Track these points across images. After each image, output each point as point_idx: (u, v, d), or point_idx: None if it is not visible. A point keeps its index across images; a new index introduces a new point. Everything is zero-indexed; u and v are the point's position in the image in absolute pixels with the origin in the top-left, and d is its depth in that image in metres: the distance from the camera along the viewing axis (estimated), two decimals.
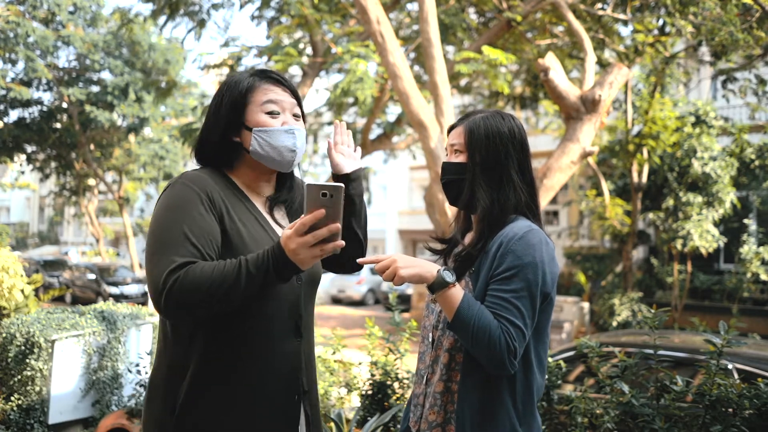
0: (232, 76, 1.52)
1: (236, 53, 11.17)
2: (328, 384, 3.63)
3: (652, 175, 11.62)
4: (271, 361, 1.43)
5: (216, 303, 1.28)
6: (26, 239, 34.54)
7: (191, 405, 1.39)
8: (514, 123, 1.54)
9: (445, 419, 1.46)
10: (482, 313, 1.35)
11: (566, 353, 3.67)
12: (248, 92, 1.48)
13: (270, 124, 1.47)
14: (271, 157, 1.47)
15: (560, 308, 11.29)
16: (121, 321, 4.23)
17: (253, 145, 1.46)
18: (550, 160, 5.08)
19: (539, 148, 18.41)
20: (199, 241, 1.34)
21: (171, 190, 1.41)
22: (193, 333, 1.41)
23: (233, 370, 1.40)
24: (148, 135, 21.05)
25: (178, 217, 1.35)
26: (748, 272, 10.22)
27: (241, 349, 1.40)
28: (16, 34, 15.92)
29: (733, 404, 2.22)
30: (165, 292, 1.26)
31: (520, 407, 1.43)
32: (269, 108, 1.48)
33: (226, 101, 1.48)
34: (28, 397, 3.80)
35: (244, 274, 1.26)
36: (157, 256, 1.32)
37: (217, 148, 1.51)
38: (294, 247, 1.21)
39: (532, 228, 1.44)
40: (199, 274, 1.27)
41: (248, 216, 1.46)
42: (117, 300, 14.02)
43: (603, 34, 8.82)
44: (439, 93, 5.72)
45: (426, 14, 5.54)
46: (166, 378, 1.43)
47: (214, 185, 1.44)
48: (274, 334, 1.44)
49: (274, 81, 1.52)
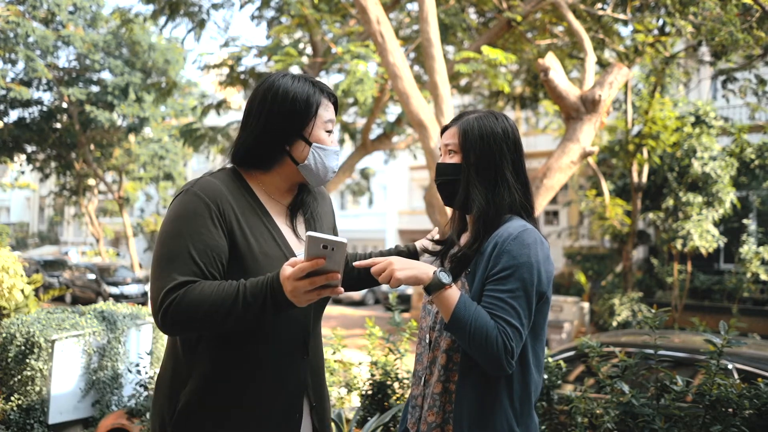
0: (289, 82, 1.46)
1: (236, 53, 11.17)
2: (328, 384, 3.63)
3: (652, 175, 11.62)
4: (274, 379, 1.42)
5: (212, 326, 1.29)
6: (26, 239, 34.55)
7: (188, 413, 1.39)
8: (507, 123, 1.54)
9: (443, 420, 1.46)
10: (479, 314, 1.35)
11: (566, 353, 3.67)
12: (318, 106, 1.47)
13: (328, 143, 1.49)
14: (317, 174, 1.49)
15: (560, 308, 11.29)
16: (121, 321, 4.23)
17: (309, 160, 1.46)
18: (550, 160, 5.08)
19: (539, 148, 18.42)
20: (201, 258, 1.32)
21: (181, 199, 1.39)
22: (198, 343, 1.40)
23: (234, 385, 1.40)
24: (148, 135, 21.06)
25: (183, 230, 1.34)
26: (748, 272, 10.22)
27: (244, 365, 1.40)
28: (16, 34, 15.93)
29: (733, 404, 2.22)
30: (162, 310, 1.27)
31: (518, 407, 1.44)
32: (329, 127, 1.49)
33: (286, 108, 1.44)
34: (28, 397, 3.79)
35: (241, 301, 1.26)
36: (158, 270, 1.32)
37: (264, 152, 1.47)
38: (291, 289, 1.21)
39: (527, 228, 1.44)
40: (196, 295, 1.27)
41: (262, 229, 1.44)
42: (117, 300, 14.03)
43: (603, 34, 8.83)
44: (439, 93, 5.72)
45: (426, 14, 5.54)
46: (170, 381, 1.43)
47: (227, 195, 1.41)
48: (280, 351, 1.43)
49: (332, 98, 1.52)
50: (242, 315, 1.26)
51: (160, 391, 1.45)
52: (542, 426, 2.74)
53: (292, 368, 1.45)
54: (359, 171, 16.22)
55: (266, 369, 1.41)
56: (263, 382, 1.41)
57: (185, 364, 1.41)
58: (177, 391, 1.40)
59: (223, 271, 1.36)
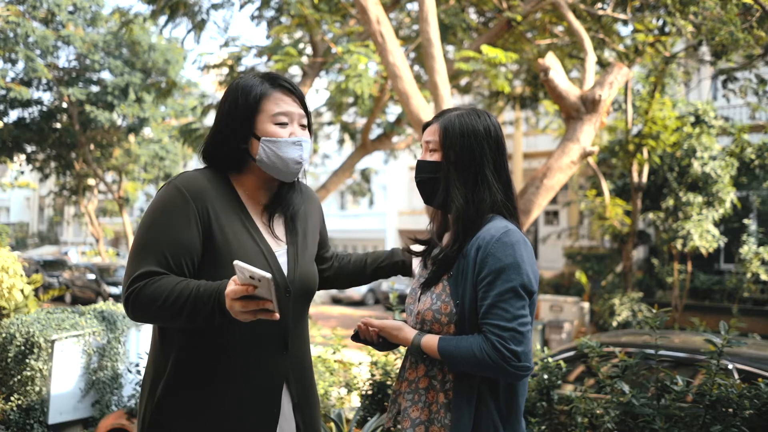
0: (241, 80, 1.49)
1: (236, 53, 11.16)
2: (328, 384, 3.62)
3: (652, 175, 11.61)
4: (246, 371, 1.43)
5: (165, 320, 1.34)
6: (26, 239, 34.53)
7: (165, 406, 1.40)
8: (490, 121, 1.52)
9: (429, 419, 1.45)
10: (459, 341, 1.38)
11: (566, 353, 3.67)
12: (260, 100, 1.46)
13: (278, 135, 1.46)
14: (278, 168, 1.47)
15: (560, 308, 11.29)
16: (121, 321, 4.23)
17: (260, 154, 1.45)
18: (550, 160, 5.08)
19: (539, 148, 18.42)
20: (170, 251, 1.36)
21: (162, 192, 1.43)
22: (174, 335, 1.42)
23: (206, 377, 1.41)
24: (148, 135, 21.05)
25: (158, 222, 1.38)
26: (748, 272, 10.21)
27: (217, 355, 1.41)
28: (16, 34, 15.92)
29: (733, 404, 2.22)
30: (125, 298, 1.34)
31: (504, 409, 1.42)
32: (279, 119, 1.47)
33: (236, 107, 1.46)
34: (28, 397, 3.79)
35: (191, 303, 1.29)
36: (130, 258, 1.37)
37: (224, 153, 1.50)
38: (229, 305, 1.25)
39: (509, 228, 1.43)
40: (154, 289, 1.31)
41: (239, 227, 1.45)
42: (117, 300, 14.01)
43: (603, 34, 8.82)
44: (439, 93, 5.72)
45: (426, 14, 5.54)
46: (152, 376, 1.45)
47: (209, 191, 1.43)
48: (254, 345, 1.44)
49: (285, 89, 1.50)
50: (192, 316, 1.30)
51: (143, 387, 1.48)
52: (542, 426, 2.74)
53: (267, 362, 1.45)
54: (360, 172, 16.19)
55: (237, 360, 1.42)
56: (235, 373, 1.42)
57: (163, 356, 1.43)
58: (157, 382, 1.42)
59: (194, 266, 1.40)
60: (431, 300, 1.47)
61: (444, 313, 1.44)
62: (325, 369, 3.70)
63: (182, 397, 1.40)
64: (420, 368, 1.49)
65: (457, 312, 1.42)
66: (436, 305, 1.46)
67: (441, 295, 1.46)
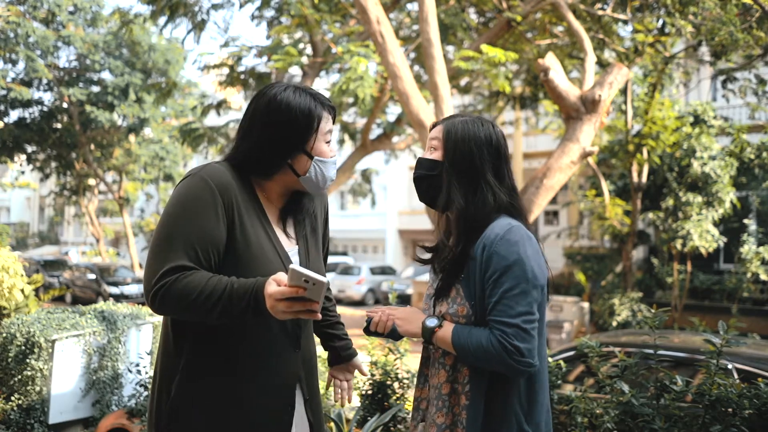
0: (289, 95, 1.46)
1: (236, 53, 11.16)
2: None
3: (651, 175, 11.61)
4: (264, 370, 1.43)
5: (196, 316, 1.32)
6: (26, 239, 34.54)
7: (180, 405, 1.40)
8: (493, 130, 1.57)
9: (453, 422, 1.47)
10: (471, 334, 1.41)
11: (566, 353, 3.67)
12: (320, 122, 1.48)
13: (328, 155, 1.51)
14: (316, 184, 1.51)
15: (560, 308, 11.29)
16: (121, 321, 4.23)
17: (310, 172, 1.49)
18: (550, 160, 5.08)
19: (539, 148, 18.43)
20: (200, 244, 1.34)
21: (189, 182, 1.40)
22: (186, 334, 1.42)
23: (223, 374, 1.41)
24: (148, 135, 21.05)
25: (186, 215, 1.36)
26: (748, 272, 10.22)
27: (234, 356, 1.41)
28: (17, 34, 15.93)
29: (733, 404, 2.22)
30: (152, 292, 1.31)
31: (525, 404, 1.45)
32: (328, 138, 1.51)
33: (292, 125, 1.45)
34: (28, 397, 3.80)
35: (226, 299, 1.29)
36: (156, 250, 1.34)
37: (263, 162, 1.48)
38: (270, 306, 1.26)
39: (512, 225, 1.46)
40: (186, 284, 1.30)
41: (258, 227, 1.46)
42: (117, 300, 14.01)
43: (603, 34, 8.82)
44: (439, 93, 5.72)
45: (426, 14, 5.54)
46: (162, 375, 1.44)
47: (234, 186, 1.43)
48: (270, 345, 1.45)
49: (330, 109, 1.53)
50: (226, 312, 1.30)
51: (154, 385, 1.47)
52: None
53: (283, 360, 1.47)
54: (360, 172, 16.19)
55: (256, 360, 1.43)
56: (253, 373, 1.42)
57: (176, 353, 1.42)
58: (170, 380, 1.41)
59: (218, 260, 1.38)
60: (447, 304, 1.51)
61: (461, 315, 1.47)
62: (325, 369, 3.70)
63: (198, 396, 1.40)
64: (441, 373, 1.51)
65: (474, 312, 1.46)
66: (452, 308, 1.49)
67: (456, 299, 1.49)
